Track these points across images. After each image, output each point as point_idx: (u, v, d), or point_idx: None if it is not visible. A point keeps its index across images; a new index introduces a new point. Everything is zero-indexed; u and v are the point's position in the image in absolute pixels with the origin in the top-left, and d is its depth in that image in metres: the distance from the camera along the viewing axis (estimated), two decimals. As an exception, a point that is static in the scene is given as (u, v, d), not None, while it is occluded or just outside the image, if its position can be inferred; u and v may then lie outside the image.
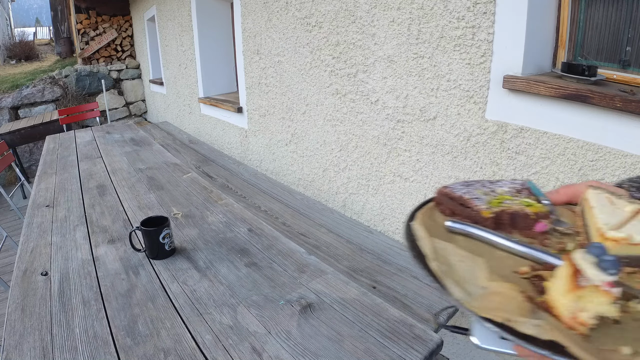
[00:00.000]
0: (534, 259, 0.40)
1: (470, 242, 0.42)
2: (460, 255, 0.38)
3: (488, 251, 0.41)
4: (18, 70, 7.17)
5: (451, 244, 0.39)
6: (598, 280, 0.29)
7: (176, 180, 2.02)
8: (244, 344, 0.89)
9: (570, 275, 0.30)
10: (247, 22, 2.98)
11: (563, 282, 0.31)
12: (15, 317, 1.02)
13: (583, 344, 0.29)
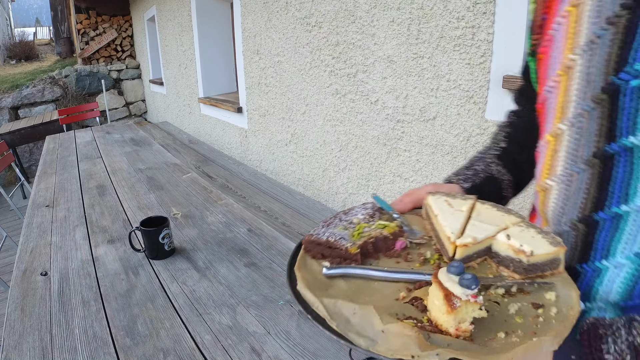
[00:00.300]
0: (407, 280, 0.46)
1: (350, 283, 0.46)
2: (351, 308, 0.41)
3: (368, 286, 0.45)
4: (18, 70, 7.17)
5: (339, 300, 0.42)
6: (465, 296, 0.37)
7: (176, 180, 2.02)
8: (243, 344, 0.89)
9: (444, 299, 0.37)
10: (247, 22, 2.98)
11: (440, 304, 0.38)
12: (14, 317, 1.02)
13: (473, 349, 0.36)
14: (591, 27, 0.43)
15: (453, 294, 0.37)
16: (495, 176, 0.63)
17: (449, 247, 0.48)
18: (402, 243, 0.52)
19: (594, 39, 0.43)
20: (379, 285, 0.46)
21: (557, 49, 0.49)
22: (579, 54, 0.45)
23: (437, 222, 0.52)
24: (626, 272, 0.44)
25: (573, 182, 0.48)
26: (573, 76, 0.46)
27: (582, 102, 0.45)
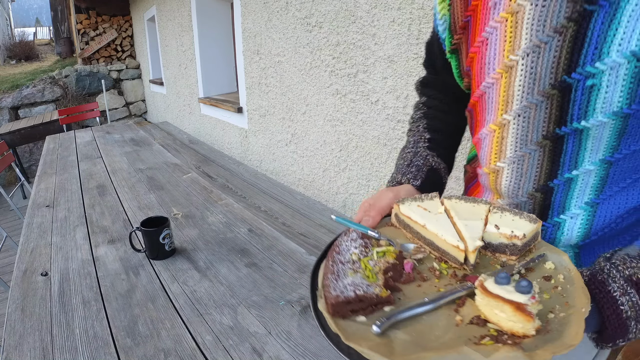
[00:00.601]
0: (447, 302, 0.46)
1: (406, 330, 0.44)
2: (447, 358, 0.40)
3: (424, 326, 0.44)
4: (18, 70, 7.17)
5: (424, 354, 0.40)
6: (530, 302, 0.40)
7: (176, 180, 2.01)
8: (244, 345, 0.89)
9: (518, 310, 0.40)
10: (247, 22, 2.98)
11: (510, 315, 0.41)
12: (15, 317, 1.02)
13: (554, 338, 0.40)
14: (535, 33, 0.49)
15: (523, 304, 0.39)
16: (434, 167, 0.67)
17: (457, 254, 0.50)
18: (410, 264, 0.51)
19: (540, 44, 0.49)
20: (429, 318, 0.45)
21: (494, 50, 0.54)
22: (521, 56, 0.51)
23: (427, 231, 0.53)
24: (581, 219, 0.54)
25: (525, 161, 0.55)
26: (515, 74, 0.52)
27: (529, 96, 0.51)
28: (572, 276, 0.48)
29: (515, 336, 0.41)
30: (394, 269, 0.50)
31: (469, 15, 0.57)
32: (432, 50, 0.72)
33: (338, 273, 0.48)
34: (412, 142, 0.71)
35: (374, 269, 0.49)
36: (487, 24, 0.54)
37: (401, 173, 0.67)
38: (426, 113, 0.74)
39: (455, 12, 0.60)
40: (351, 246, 0.52)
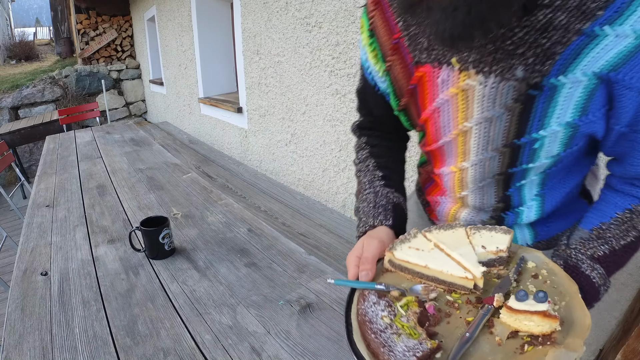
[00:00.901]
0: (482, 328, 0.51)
1: None
2: None
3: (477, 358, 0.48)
4: (18, 71, 7.17)
5: None
6: (548, 306, 0.48)
7: (176, 180, 2.02)
8: (243, 344, 0.90)
9: (545, 317, 0.47)
10: (247, 22, 2.98)
11: (539, 321, 0.48)
12: (15, 317, 1.02)
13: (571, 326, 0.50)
14: (486, 108, 0.58)
15: (547, 311, 0.47)
16: (397, 202, 0.72)
17: (465, 283, 0.56)
18: (432, 307, 0.54)
19: (491, 117, 0.59)
20: (475, 349, 0.49)
21: (447, 117, 0.63)
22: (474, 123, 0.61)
23: (433, 270, 0.57)
24: (535, 207, 0.68)
25: (486, 162, 0.64)
26: (470, 136, 0.62)
27: (484, 151, 0.62)
28: (552, 268, 0.58)
29: (546, 335, 0.48)
30: (422, 316, 0.53)
31: (414, 84, 0.65)
32: (366, 99, 0.78)
33: (386, 343, 0.49)
34: (368, 183, 0.75)
35: (410, 324, 0.51)
36: (437, 95, 0.62)
37: (372, 216, 0.70)
38: (372, 152, 0.79)
39: (397, 78, 0.67)
40: (377, 311, 0.53)
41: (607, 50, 0.49)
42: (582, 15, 0.48)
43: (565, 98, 0.53)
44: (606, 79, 0.50)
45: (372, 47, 0.69)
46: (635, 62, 0.48)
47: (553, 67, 0.51)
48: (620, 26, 0.47)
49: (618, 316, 1.36)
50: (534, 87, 0.53)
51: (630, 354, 1.17)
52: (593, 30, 0.48)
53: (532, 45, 0.51)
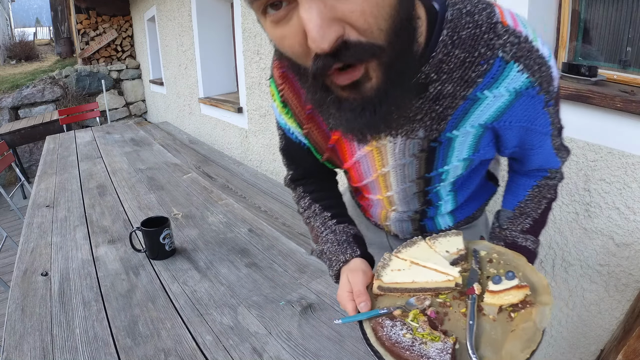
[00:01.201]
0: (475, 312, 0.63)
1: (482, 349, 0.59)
2: None
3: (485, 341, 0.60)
4: (18, 71, 7.17)
5: None
6: (519, 281, 0.62)
7: (176, 180, 2.02)
8: (244, 345, 0.89)
9: (519, 288, 0.61)
10: (247, 22, 2.98)
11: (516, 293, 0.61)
12: (15, 317, 1.02)
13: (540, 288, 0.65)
14: (398, 157, 0.70)
15: (519, 284, 0.61)
16: (354, 233, 0.80)
17: (448, 284, 0.67)
18: (432, 312, 0.64)
19: (403, 163, 0.71)
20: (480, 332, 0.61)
21: (367, 166, 0.75)
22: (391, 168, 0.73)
23: (419, 282, 0.68)
24: (450, 201, 0.82)
25: (407, 189, 0.77)
26: (389, 175, 0.75)
27: (402, 184, 0.76)
28: (499, 250, 0.72)
29: (522, 301, 0.62)
30: (430, 322, 0.62)
31: (332, 144, 0.75)
32: (292, 155, 0.86)
33: (422, 353, 0.57)
34: (321, 225, 0.82)
35: (427, 331, 0.60)
36: (355, 152, 0.74)
37: (341, 253, 0.76)
38: (312, 198, 0.86)
39: (316, 140, 0.77)
40: (398, 331, 0.61)
41: (489, 108, 0.62)
42: (465, 84, 0.59)
43: (460, 144, 0.67)
44: (490, 127, 0.65)
45: (288, 115, 0.76)
46: (512, 111, 0.63)
47: (447, 126, 0.63)
48: (497, 89, 0.59)
49: (619, 316, 1.36)
50: (434, 141, 0.66)
51: (631, 355, 1.17)
52: (475, 95, 0.60)
53: (428, 111, 0.62)
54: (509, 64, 0.57)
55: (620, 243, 1.31)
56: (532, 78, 0.59)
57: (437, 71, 0.58)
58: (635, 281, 1.30)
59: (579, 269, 1.44)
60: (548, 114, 0.67)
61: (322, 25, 0.43)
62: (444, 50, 0.57)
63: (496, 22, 0.57)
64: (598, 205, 1.34)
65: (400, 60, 0.51)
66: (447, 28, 0.57)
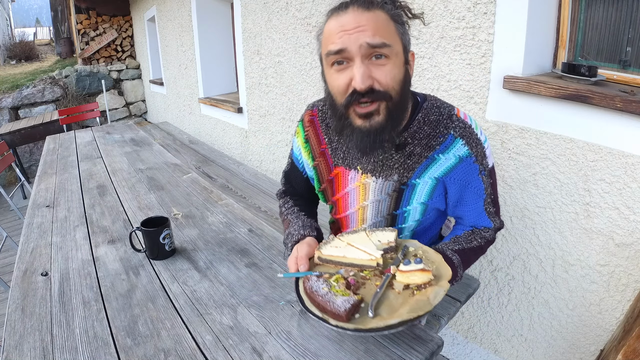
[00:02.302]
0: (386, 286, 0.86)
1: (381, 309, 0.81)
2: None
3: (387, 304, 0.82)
4: (18, 71, 7.17)
5: None
6: (424, 265, 0.83)
7: (176, 180, 2.01)
8: (244, 345, 0.89)
9: (423, 272, 0.81)
10: (247, 23, 2.98)
11: (421, 276, 0.81)
12: (15, 317, 1.02)
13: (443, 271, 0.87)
14: (376, 194, 1.01)
15: (423, 268, 0.81)
16: (316, 227, 1.10)
17: (371, 264, 0.88)
18: (352, 280, 0.86)
19: (380, 199, 1.02)
20: (384, 298, 0.83)
21: (353, 198, 1.06)
22: (369, 202, 1.04)
23: (347, 258, 0.90)
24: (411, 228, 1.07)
25: (377, 223, 1.07)
26: (367, 210, 1.05)
27: (376, 218, 1.06)
28: (425, 249, 0.93)
29: (426, 283, 0.80)
30: (347, 285, 0.83)
31: (332, 176, 1.07)
32: (292, 179, 1.22)
33: (329, 300, 0.79)
34: (295, 218, 1.11)
35: (342, 289, 0.81)
36: (347, 185, 1.05)
37: (302, 229, 1.05)
38: (295, 203, 1.18)
39: (321, 172, 1.10)
40: (319, 284, 0.83)
41: (441, 166, 0.94)
42: (429, 148, 0.93)
43: (420, 190, 0.98)
44: (442, 180, 0.96)
45: (306, 149, 1.11)
46: (456, 171, 0.94)
47: (413, 175, 0.96)
48: (447, 154, 0.93)
49: (619, 317, 1.36)
50: (403, 184, 0.97)
51: (631, 355, 1.17)
52: (433, 156, 0.94)
53: (403, 164, 0.95)
54: (457, 139, 0.92)
55: (620, 243, 1.31)
56: (471, 151, 0.92)
57: (412, 137, 0.94)
58: (635, 281, 1.30)
59: (579, 269, 1.43)
60: (482, 181, 0.96)
61: (364, 76, 0.81)
62: (417, 125, 0.94)
63: (453, 114, 0.93)
64: (598, 205, 1.34)
65: (397, 114, 0.87)
66: (422, 112, 0.94)
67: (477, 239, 1.00)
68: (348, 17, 0.81)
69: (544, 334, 1.61)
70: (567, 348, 1.54)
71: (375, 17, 0.81)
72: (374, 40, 0.80)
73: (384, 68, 0.82)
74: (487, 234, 1.02)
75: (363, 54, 0.81)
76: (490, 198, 0.99)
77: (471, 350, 1.87)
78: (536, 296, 1.59)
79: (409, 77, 0.89)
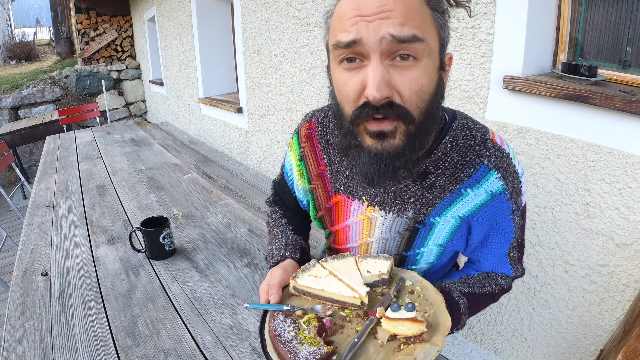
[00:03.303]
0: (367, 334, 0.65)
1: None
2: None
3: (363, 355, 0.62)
4: (18, 71, 7.17)
5: None
6: (417, 314, 0.63)
7: (176, 180, 2.01)
8: (244, 344, 0.89)
9: (414, 322, 0.61)
10: (247, 23, 2.98)
11: (410, 326, 0.62)
12: (15, 317, 1.02)
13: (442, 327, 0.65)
14: (384, 232, 0.81)
15: (415, 317, 0.62)
16: (303, 246, 0.90)
17: (354, 301, 0.70)
18: (328, 321, 0.68)
19: (388, 237, 0.81)
20: (362, 351, 0.63)
21: (355, 232, 0.85)
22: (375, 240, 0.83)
23: (328, 292, 0.71)
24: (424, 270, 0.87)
25: None
26: (371, 246, 0.84)
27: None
28: (424, 285, 0.74)
29: (417, 336, 0.62)
30: (321, 329, 0.66)
31: (331, 204, 0.85)
32: (280, 193, 1.01)
33: (292, 351, 0.62)
34: (280, 232, 0.93)
35: (311, 335, 0.64)
36: (349, 217, 0.83)
37: (284, 249, 0.86)
38: (283, 214, 0.99)
39: (318, 197, 0.88)
40: (285, 327, 0.66)
41: (469, 203, 0.73)
42: (455, 181, 0.72)
43: (439, 230, 0.77)
44: (467, 220, 0.75)
45: (299, 168, 0.89)
46: (485, 209, 0.74)
47: (432, 212, 0.75)
48: (477, 189, 0.72)
49: (619, 317, 1.36)
50: (419, 223, 0.76)
51: (631, 355, 1.17)
52: (460, 191, 0.72)
53: (420, 197, 0.74)
54: (491, 171, 0.71)
55: (620, 243, 1.31)
56: (506, 186, 0.72)
57: (435, 165, 0.72)
58: (635, 281, 1.30)
59: (579, 270, 1.43)
60: (512, 222, 0.77)
61: (381, 82, 0.57)
62: (443, 150, 0.72)
63: (487, 139, 0.72)
64: (598, 205, 1.34)
65: (419, 139, 0.64)
66: (450, 134, 0.72)
67: (492, 284, 0.82)
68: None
69: (544, 334, 1.61)
70: (567, 348, 1.54)
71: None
72: (402, 32, 0.56)
73: (409, 74, 0.59)
74: (504, 282, 0.84)
75: (384, 50, 0.57)
76: (517, 242, 0.80)
77: (471, 350, 1.87)
78: (536, 296, 1.59)
79: (442, 90, 0.66)
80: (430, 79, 0.62)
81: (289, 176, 0.96)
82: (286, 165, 0.96)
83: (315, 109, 0.91)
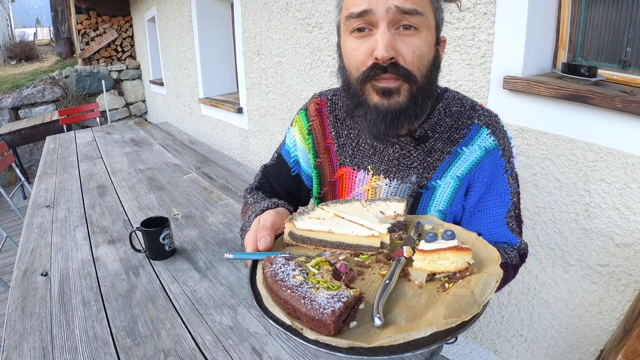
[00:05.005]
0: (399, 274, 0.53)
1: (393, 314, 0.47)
2: None
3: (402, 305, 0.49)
4: (18, 71, 7.17)
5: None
6: (459, 242, 0.50)
7: (176, 180, 2.02)
8: (244, 345, 0.89)
9: (458, 250, 0.49)
10: (248, 23, 2.98)
11: (453, 257, 0.50)
12: (15, 317, 1.02)
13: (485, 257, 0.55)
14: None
15: (459, 245, 0.49)
16: (283, 204, 0.83)
17: (372, 242, 0.56)
18: (343, 266, 0.53)
19: None
20: (397, 296, 0.50)
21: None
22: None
23: (335, 234, 0.57)
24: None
25: None
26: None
27: None
28: (447, 226, 0.66)
29: (462, 271, 0.50)
30: (335, 274, 0.51)
31: (336, 178, 0.90)
32: (271, 176, 0.97)
33: (306, 295, 0.45)
34: (255, 201, 0.88)
35: (325, 279, 0.49)
36: (354, 189, 0.87)
37: (267, 202, 0.82)
38: (262, 190, 0.96)
39: (324, 172, 0.92)
40: (288, 271, 0.50)
41: (466, 161, 0.79)
42: (451, 143, 0.80)
43: (440, 194, 0.81)
44: (465, 180, 0.80)
45: (308, 143, 0.92)
46: (480, 167, 0.79)
47: (434, 175, 0.80)
48: (472, 146, 0.79)
49: (619, 317, 1.36)
50: (422, 187, 0.81)
51: (631, 355, 1.17)
52: (457, 150, 0.79)
53: (422, 162, 0.80)
54: (482, 128, 0.80)
55: (620, 243, 1.31)
56: (498, 142, 0.79)
57: (432, 130, 0.80)
58: (635, 281, 1.30)
59: (579, 270, 1.43)
60: (507, 182, 0.81)
61: (388, 44, 0.67)
62: (438, 115, 0.81)
63: (476, 104, 0.83)
64: (598, 205, 1.34)
65: (421, 98, 0.73)
66: (443, 102, 0.82)
67: (503, 255, 0.77)
68: None
69: (544, 334, 1.61)
70: (567, 348, 1.54)
71: None
72: (406, 5, 0.67)
73: (411, 41, 0.69)
74: (512, 254, 0.80)
75: (390, 19, 0.68)
76: (514, 211, 0.82)
77: (471, 351, 1.87)
78: (536, 296, 1.59)
79: (438, 61, 0.76)
80: (429, 49, 0.72)
81: (290, 154, 0.96)
82: (288, 144, 0.96)
83: (323, 90, 0.97)
